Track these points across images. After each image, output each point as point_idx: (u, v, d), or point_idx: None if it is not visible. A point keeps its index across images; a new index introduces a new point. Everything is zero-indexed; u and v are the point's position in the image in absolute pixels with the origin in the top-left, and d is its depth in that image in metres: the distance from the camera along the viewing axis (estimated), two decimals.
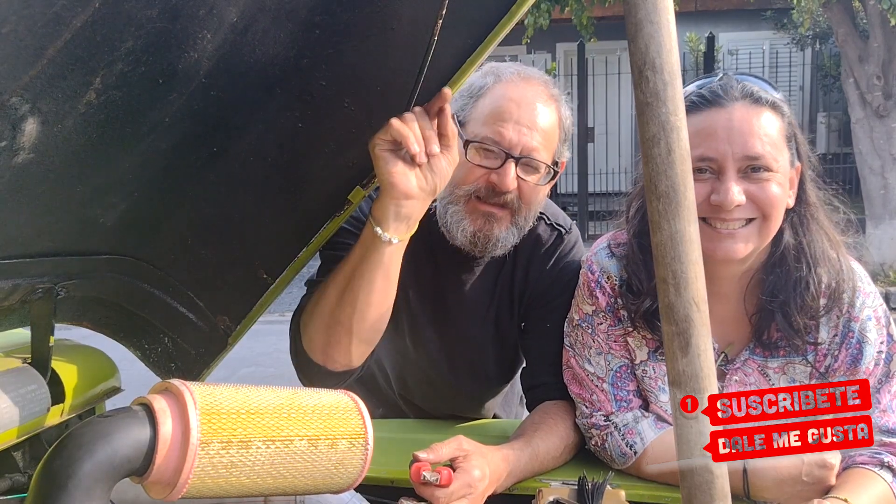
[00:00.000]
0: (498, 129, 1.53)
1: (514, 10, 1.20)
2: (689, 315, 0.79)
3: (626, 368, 1.53)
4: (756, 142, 1.34)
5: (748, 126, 1.35)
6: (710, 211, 1.36)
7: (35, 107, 0.83)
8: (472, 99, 1.59)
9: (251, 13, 0.99)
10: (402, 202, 1.29)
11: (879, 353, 1.42)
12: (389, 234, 1.31)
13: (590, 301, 1.54)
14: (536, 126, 1.55)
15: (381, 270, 1.35)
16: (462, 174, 1.55)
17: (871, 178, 8.66)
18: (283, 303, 1.79)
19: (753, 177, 1.35)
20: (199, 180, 1.26)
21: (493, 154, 1.54)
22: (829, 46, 12.24)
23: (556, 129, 1.60)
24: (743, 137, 1.34)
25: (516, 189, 1.55)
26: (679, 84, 0.79)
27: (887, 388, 1.41)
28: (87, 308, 1.39)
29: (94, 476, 0.80)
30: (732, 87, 1.39)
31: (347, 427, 1.00)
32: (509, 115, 1.54)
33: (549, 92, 1.60)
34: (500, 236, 1.58)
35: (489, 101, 1.57)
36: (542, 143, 1.56)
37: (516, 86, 1.58)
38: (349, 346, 1.38)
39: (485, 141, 1.54)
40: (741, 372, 1.47)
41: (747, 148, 1.34)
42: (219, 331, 1.47)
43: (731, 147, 1.34)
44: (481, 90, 1.59)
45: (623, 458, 1.49)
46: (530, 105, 1.55)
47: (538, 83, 1.60)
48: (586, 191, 11.77)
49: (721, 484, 0.81)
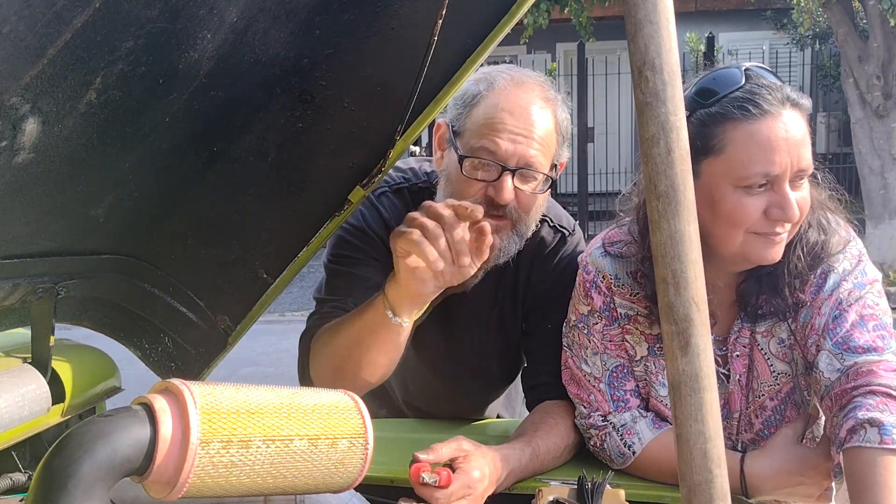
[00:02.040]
0: (492, 140, 1.49)
1: (514, 10, 1.20)
2: (689, 314, 0.79)
3: (623, 368, 1.53)
4: (805, 151, 1.33)
5: (801, 136, 1.33)
6: (764, 226, 1.34)
7: (35, 107, 0.83)
8: (466, 108, 1.55)
9: (251, 13, 0.99)
10: (419, 298, 1.34)
11: (845, 281, 1.39)
12: (401, 319, 1.36)
13: (585, 301, 1.54)
14: (532, 134, 1.51)
15: (391, 343, 1.40)
16: (459, 188, 1.53)
17: (870, 178, 8.67)
18: (283, 303, 1.79)
19: (798, 184, 1.34)
20: (199, 180, 1.26)
21: (488, 167, 1.51)
22: (828, 46, 12.24)
23: (553, 133, 1.56)
24: (798, 149, 1.32)
25: (514, 199, 1.52)
26: (679, 84, 0.79)
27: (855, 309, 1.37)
28: (87, 308, 1.39)
29: (94, 475, 0.80)
30: (775, 92, 1.35)
31: (347, 426, 1.00)
32: (503, 126, 1.50)
33: (544, 95, 1.56)
34: (502, 246, 1.56)
35: (482, 112, 1.53)
36: (539, 151, 1.52)
37: (510, 93, 1.53)
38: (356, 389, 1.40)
39: (480, 154, 1.50)
40: (738, 344, 1.47)
41: (802, 160, 1.32)
42: (219, 330, 1.47)
43: (791, 158, 1.31)
44: (475, 99, 1.54)
45: (622, 458, 1.49)
46: (525, 113, 1.51)
47: (533, 87, 1.56)
48: (586, 191, 11.77)
49: (720, 483, 0.81)
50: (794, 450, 1.41)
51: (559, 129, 1.58)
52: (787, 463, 1.40)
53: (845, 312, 1.37)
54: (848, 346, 1.33)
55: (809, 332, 1.41)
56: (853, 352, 1.32)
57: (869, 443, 1.24)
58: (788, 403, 1.48)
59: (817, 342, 1.38)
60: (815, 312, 1.39)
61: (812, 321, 1.40)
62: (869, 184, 8.68)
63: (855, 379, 1.31)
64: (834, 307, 1.37)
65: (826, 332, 1.37)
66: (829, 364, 1.34)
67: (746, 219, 1.32)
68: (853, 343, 1.33)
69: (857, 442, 1.25)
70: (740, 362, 1.48)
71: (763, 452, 1.43)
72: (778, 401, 1.48)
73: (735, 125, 1.34)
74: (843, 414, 1.29)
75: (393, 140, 1.29)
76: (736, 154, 1.33)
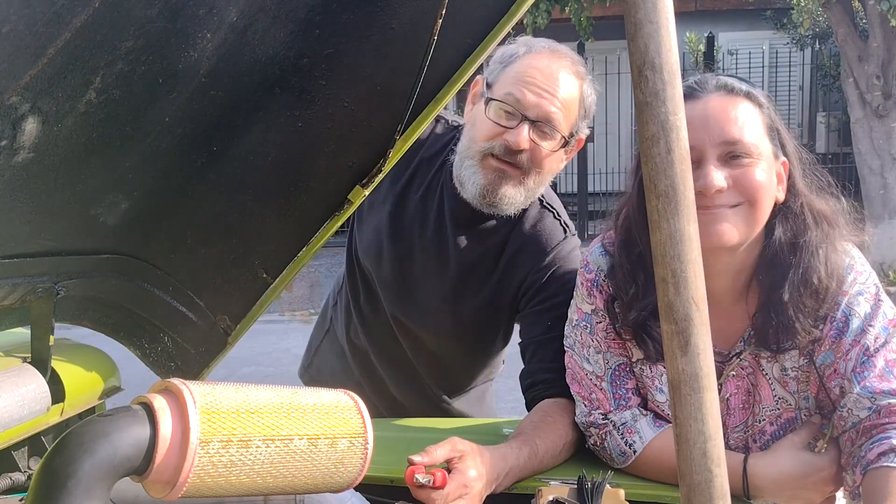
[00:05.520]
0: (519, 89, 1.62)
1: (514, 10, 1.20)
2: (689, 314, 0.79)
3: (625, 367, 1.53)
4: (732, 128, 1.36)
5: (724, 114, 1.37)
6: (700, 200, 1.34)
7: (35, 106, 0.83)
8: (503, 65, 1.69)
9: (251, 13, 0.99)
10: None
11: (870, 326, 1.39)
12: None
13: (589, 301, 1.54)
14: (557, 94, 1.63)
15: None
16: (481, 131, 1.66)
17: (870, 177, 8.67)
18: (283, 303, 1.80)
19: (734, 163, 1.36)
20: (199, 180, 1.26)
21: (511, 115, 1.63)
22: (828, 46, 12.23)
23: (577, 102, 1.68)
24: (719, 125, 1.36)
25: (529, 150, 1.64)
26: (679, 84, 0.79)
27: (882, 354, 1.37)
28: (87, 308, 1.39)
29: (93, 475, 0.80)
30: (707, 81, 1.42)
31: (347, 426, 1.00)
32: (531, 80, 1.63)
33: (575, 68, 1.69)
34: (509, 193, 1.67)
35: (517, 67, 1.66)
36: (560, 110, 1.64)
37: (544, 56, 1.67)
38: None
39: (505, 99, 1.63)
40: (737, 366, 1.46)
41: (724, 134, 1.36)
42: (219, 330, 1.47)
43: (708, 134, 1.36)
44: (512, 57, 1.68)
45: (623, 457, 1.49)
46: (553, 75, 1.64)
47: (566, 58, 1.69)
48: (586, 190, 11.77)
49: (720, 483, 0.81)
50: (798, 454, 1.40)
51: (583, 103, 1.71)
52: (790, 466, 1.39)
53: (872, 358, 1.37)
54: (880, 390, 1.34)
55: (832, 375, 1.40)
56: (887, 394, 1.34)
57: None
58: (788, 430, 1.47)
59: (841, 385, 1.38)
60: (840, 357, 1.39)
61: (835, 365, 1.39)
62: (869, 184, 8.68)
63: (889, 416, 1.33)
64: (861, 353, 1.38)
65: (853, 376, 1.37)
66: (857, 403, 1.35)
67: None
68: (884, 388, 1.34)
69: (884, 462, 1.28)
70: (733, 383, 1.47)
71: (768, 454, 1.42)
72: (777, 426, 1.47)
73: None
74: (873, 440, 1.31)
75: (393, 139, 1.29)
76: None
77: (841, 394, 1.38)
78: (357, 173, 1.35)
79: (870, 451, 1.31)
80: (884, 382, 1.35)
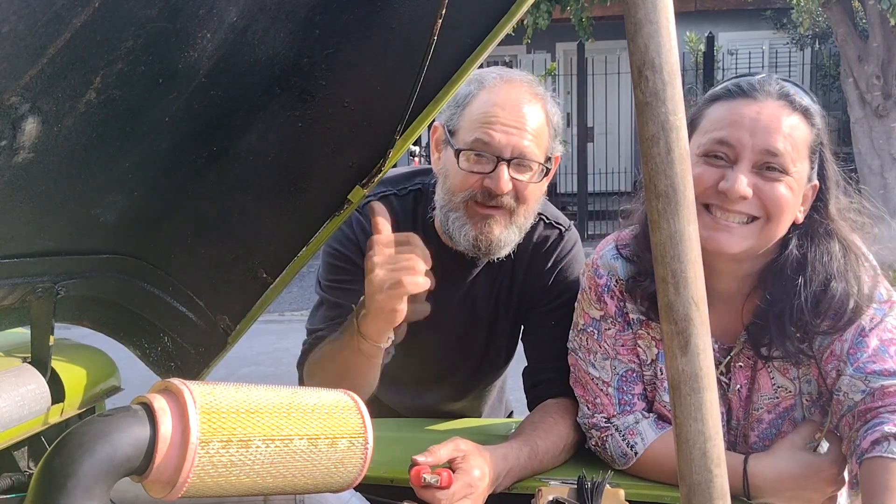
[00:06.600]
0: (486, 133, 1.56)
1: (514, 10, 1.20)
2: (689, 314, 0.79)
3: (633, 373, 1.52)
4: (778, 139, 1.32)
5: (776, 123, 1.33)
6: (714, 197, 1.34)
7: (35, 106, 0.83)
8: (459, 108, 1.62)
9: (251, 13, 0.99)
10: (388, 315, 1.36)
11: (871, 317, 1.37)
12: (383, 343, 1.41)
13: (598, 306, 1.53)
14: (524, 126, 1.57)
15: (374, 363, 1.44)
16: (457, 181, 1.59)
17: (870, 177, 8.68)
18: (283, 303, 1.79)
19: (766, 175, 1.33)
20: (199, 180, 1.26)
21: (484, 159, 1.57)
22: (828, 46, 12.24)
23: (545, 126, 1.62)
24: (767, 132, 1.32)
25: (511, 190, 1.57)
26: (678, 84, 0.79)
27: (876, 334, 1.36)
28: (87, 307, 1.39)
29: (93, 475, 0.80)
30: (770, 84, 1.38)
31: (347, 426, 1.00)
32: (496, 119, 1.56)
33: (532, 91, 1.62)
34: (501, 236, 1.60)
35: (475, 108, 1.60)
36: (532, 142, 1.58)
37: (500, 90, 1.60)
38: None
39: (474, 147, 1.57)
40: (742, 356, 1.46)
41: (768, 143, 1.32)
42: (218, 330, 1.47)
43: (753, 139, 1.32)
44: (466, 98, 1.62)
45: (624, 458, 1.49)
46: (515, 106, 1.58)
47: (521, 84, 1.62)
48: (586, 190, 11.78)
49: (720, 483, 0.81)
50: (799, 454, 1.40)
51: (550, 123, 1.64)
52: (791, 467, 1.39)
53: (866, 338, 1.36)
54: (872, 371, 1.33)
55: (829, 358, 1.39)
56: (879, 375, 1.32)
57: (891, 454, 1.24)
58: (786, 419, 1.47)
59: (837, 367, 1.37)
60: (835, 338, 1.38)
61: (832, 346, 1.38)
62: (869, 184, 8.68)
63: (882, 399, 1.31)
64: (856, 333, 1.36)
65: (847, 357, 1.36)
66: (852, 386, 1.34)
67: (698, 184, 1.28)
68: (876, 368, 1.33)
69: (878, 452, 1.26)
70: (742, 374, 1.47)
71: (768, 455, 1.42)
72: (775, 414, 1.47)
73: (718, 103, 1.39)
74: (867, 427, 1.30)
75: (393, 139, 1.29)
76: (707, 124, 1.38)
77: (837, 376, 1.37)
78: (357, 173, 1.35)
79: (864, 438, 1.29)
80: (877, 363, 1.33)
